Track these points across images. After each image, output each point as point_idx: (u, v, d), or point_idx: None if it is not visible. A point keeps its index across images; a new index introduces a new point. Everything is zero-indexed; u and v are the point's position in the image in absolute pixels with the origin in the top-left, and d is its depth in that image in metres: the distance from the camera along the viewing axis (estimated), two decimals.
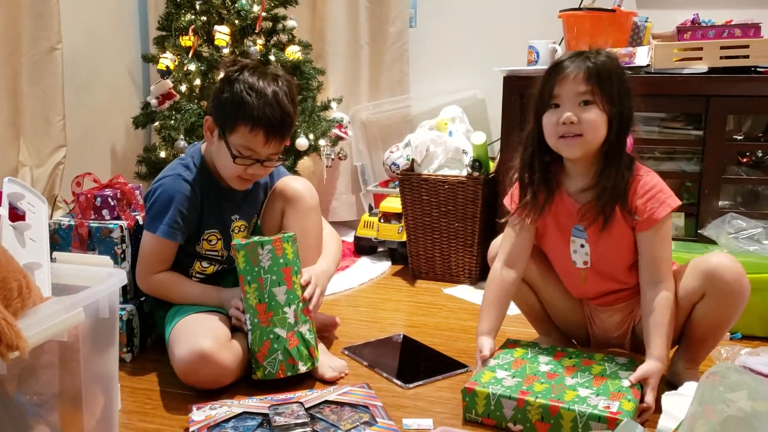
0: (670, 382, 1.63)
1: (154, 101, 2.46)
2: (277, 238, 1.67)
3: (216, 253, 1.84)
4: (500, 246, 1.72)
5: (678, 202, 1.55)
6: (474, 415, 1.51)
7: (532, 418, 1.44)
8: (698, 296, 1.54)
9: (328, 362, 1.75)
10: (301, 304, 1.69)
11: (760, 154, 2.49)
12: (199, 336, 1.61)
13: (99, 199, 1.87)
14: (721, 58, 2.19)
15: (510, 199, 1.70)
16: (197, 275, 1.85)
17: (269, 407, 1.49)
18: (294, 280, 1.68)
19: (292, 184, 1.85)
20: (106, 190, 1.92)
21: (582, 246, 1.63)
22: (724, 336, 1.92)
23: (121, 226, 1.84)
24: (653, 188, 1.55)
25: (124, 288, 1.82)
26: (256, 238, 1.68)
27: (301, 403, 1.50)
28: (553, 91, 1.53)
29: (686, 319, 1.58)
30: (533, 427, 1.45)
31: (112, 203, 1.88)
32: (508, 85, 2.38)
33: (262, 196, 1.90)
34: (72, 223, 1.86)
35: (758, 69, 2.18)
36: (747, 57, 2.17)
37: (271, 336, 1.64)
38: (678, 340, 1.63)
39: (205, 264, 1.84)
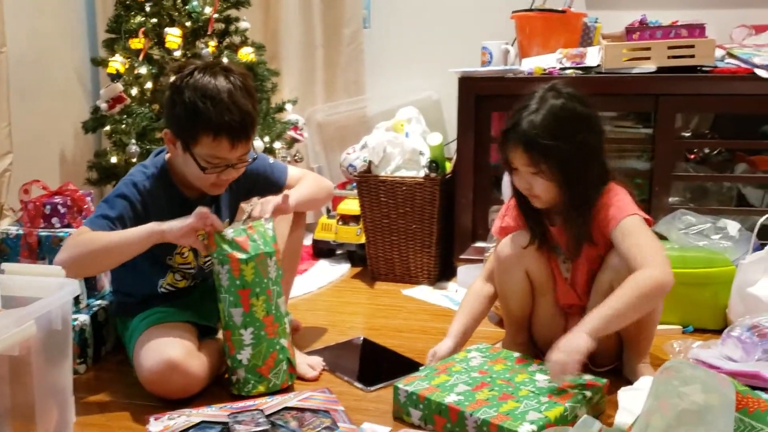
0: (626, 379, 1.66)
1: (104, 105, 2.40)
2: (278, 249, 1.64)
3: (189, 266, 1.77)
4: (487, 262, 1.83)
5: (635, 210, 1.57)
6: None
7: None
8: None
9: (305, 360, 1.76)
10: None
11: (707, 151, 2.56)
12: (167, 345, 1.59)
13: (48, 206, 1.83)
14: (668, 57, 2.24)
15: (499, 222, 1.79)
16: (167, 287, 1.76)
17: (229, 415, 1.47)
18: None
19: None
20: (56, 197, 1.88)
21: (564, 262, 1.71)
22: (675, 329, 1.98)
23: (71, 234, 1.80)
24: (614, 198, 1.60)
25: (76, 297, 1.77)
26: (254, 244, 1.60)
27: (261, 410, 1.49)
28: (507, 159, 1.61)
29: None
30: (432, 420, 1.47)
31: (62, 211, 1.84)
32: (463, 86, 2.39)
33: (229, 199, 1.83)
34: (20, 232, 1.81)
35: (703, 68, 2.24)
36: (693, 57, 2.23)
37: (278, 347, 1.62)
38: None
39: (178, 277, 1.77)
